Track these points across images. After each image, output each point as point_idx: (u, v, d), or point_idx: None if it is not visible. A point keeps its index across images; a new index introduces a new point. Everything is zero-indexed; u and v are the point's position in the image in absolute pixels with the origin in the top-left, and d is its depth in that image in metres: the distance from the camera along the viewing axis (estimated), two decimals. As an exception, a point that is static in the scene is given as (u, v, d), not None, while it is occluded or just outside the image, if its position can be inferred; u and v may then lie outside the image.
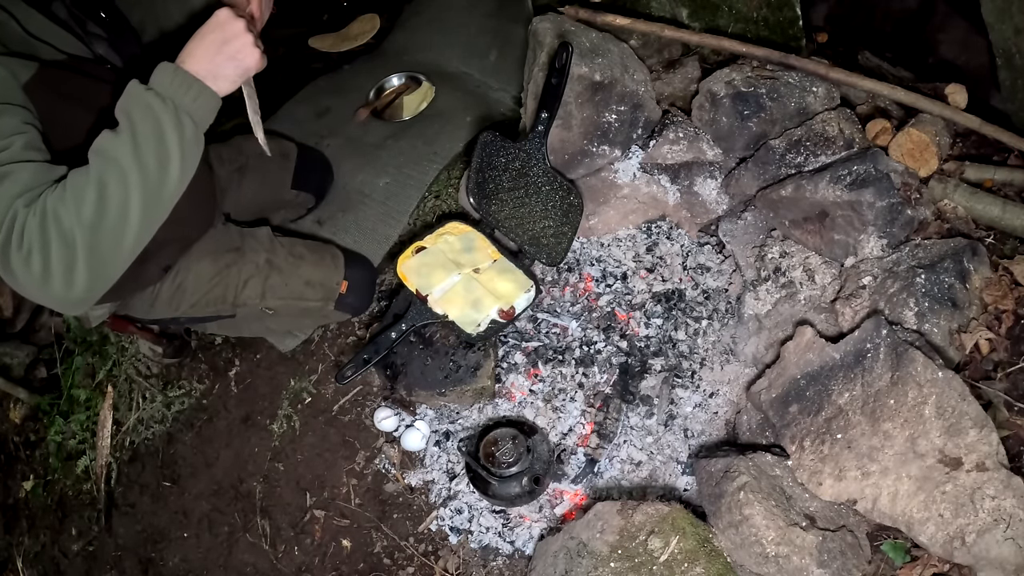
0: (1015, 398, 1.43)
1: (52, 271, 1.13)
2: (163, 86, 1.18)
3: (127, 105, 1.17)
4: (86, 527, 2.15)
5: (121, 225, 1.16)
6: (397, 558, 1.76)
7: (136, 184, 1.15)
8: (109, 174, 1.14)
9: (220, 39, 1.22)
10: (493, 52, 2.67)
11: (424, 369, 1.83)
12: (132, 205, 1.15)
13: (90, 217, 1.13)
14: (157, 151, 1.16)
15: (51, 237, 1.11)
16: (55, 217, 1.11)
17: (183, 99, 1.18)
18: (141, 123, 1.15)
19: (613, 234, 2.01)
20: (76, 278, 1.14)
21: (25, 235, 1.11)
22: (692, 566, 1.34)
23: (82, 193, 1.13)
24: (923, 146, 1.71)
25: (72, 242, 1.12)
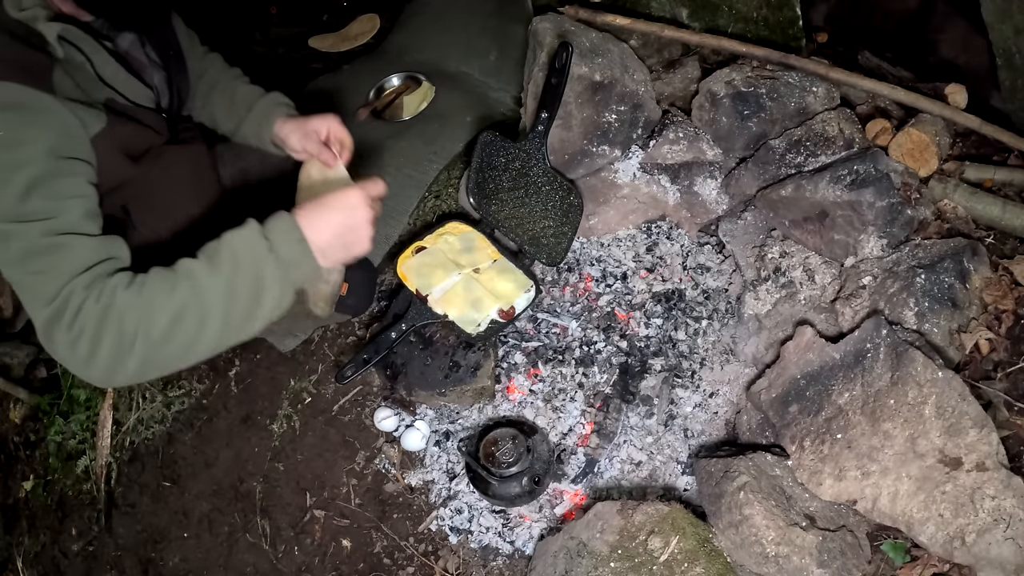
0: (1015, 398, 1.43)
1: (98, 361, 1.11)
2: (281, 247, 1.16)
3: (238, 247, 1.15)
4: (86, 527, 2.15)
5: (182, 353, 1.15)
6: (397, 558, 1.76)
7: (214, 328, 1.14)
8: (191, 309, 1.12)
9: (347, 224, 1.22)
10: (493, 52, 2.67)
11: (424, 369, 1.83)
12: (201, 341, 1.15)
13: (157, 337, 1.11)
14: (248, 307, 1.16)
15: (108, 332, 1.09)
16: (120, 317, 1.09)
17: (293, 272, 1.18)
18: (245, 274, 1.14)
19: (613, 234, 2.01)
20: (119, 375, 1.13)
21: (80, 318, 1.09)
22: (692, 566, 1.34)
23: (157, 312, 1.11)
24: (923, 146, 1.71)
25: (130, 348, 1.10)
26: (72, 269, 1.12)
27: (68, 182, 1.19)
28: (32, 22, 1.28)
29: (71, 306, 1.10)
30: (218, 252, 1.15)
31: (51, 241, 1.12)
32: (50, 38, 1.28)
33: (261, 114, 1.70)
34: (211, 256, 1.15)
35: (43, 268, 1.11)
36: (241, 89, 1.78)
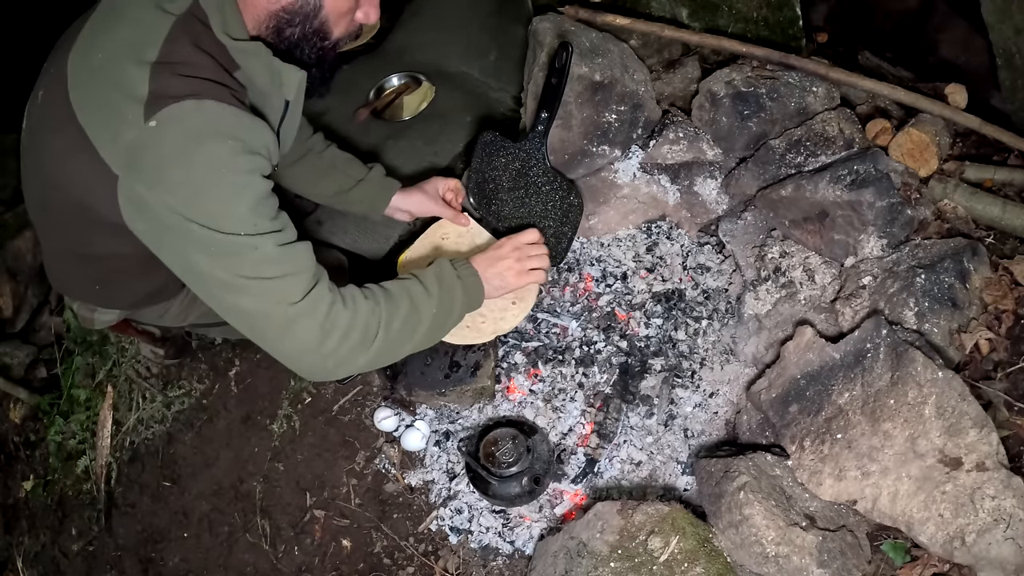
0: (1015, 398, 1.43)
1: (337, 354, 1.27)
2: (467, 281, 1.47)
3: (441, 276, 1.44)
4: (86, 527, 2.15)
5: (398, 349, 1.37)
6: (397, 558, 1.76)
7: (422, 333, 1.39)
8: (412, 318, 1.36)
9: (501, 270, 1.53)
10: (493, 52, 2.67)
11: (424, 369, 1.83)
12: (411, 342, 1.38)
13: (392, 336, 1.33)
14: (443, 320, 1.43)
15: (355, 333, 1.27)
16: (366, 321, 1.29)
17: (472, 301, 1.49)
18: (445, 296, 1.42)
19: (613, 234, 2.01)
20: (345, 367, 1.30)
21: (332, 316, 1.25)
22: (692, 566, 1.34)
23: (393, 318, 1.33)
24: (923, 146, 1.71)
25: (369, 344, 1.29)
26: (312, 269, 1.26)
27: (275, 201, 1.27)
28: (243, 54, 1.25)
29: (322, 305, 1.24)
30: (428, 277, 1.42)
31: (285, 250, 1.22)
32: (288, 82, 1.29)
33: (377, 185, 1.81)
34: (422, 281, 1.41)
35: (283, 272, 1.22)
36: (340, 155, 1.82)
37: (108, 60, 1.20)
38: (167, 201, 1.16)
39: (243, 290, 1.20)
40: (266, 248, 1.20)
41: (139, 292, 1.62)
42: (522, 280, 1.55)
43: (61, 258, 1.59)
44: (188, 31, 1.21)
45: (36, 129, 1.34)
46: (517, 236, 1.58)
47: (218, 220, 1.17)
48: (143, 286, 1.59)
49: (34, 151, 1.37)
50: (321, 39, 1.29)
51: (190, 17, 1.23)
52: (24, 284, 2.64)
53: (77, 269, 1.57)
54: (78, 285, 1.64)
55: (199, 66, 1.20)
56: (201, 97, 1.15)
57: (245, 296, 1.21)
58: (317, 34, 1.28)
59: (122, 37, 1.21)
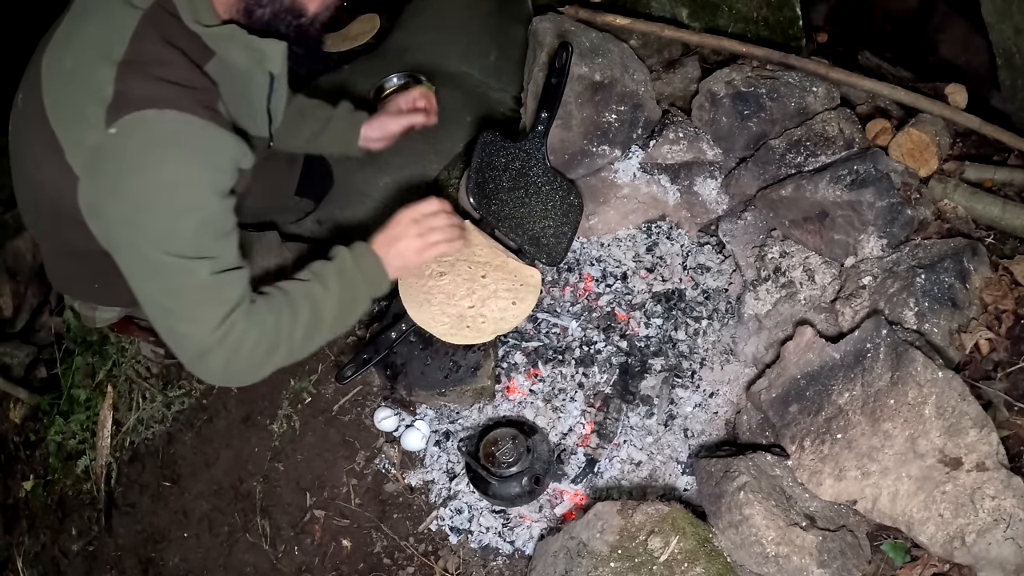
0: (1015, 398, 1.43)
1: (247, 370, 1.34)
2: (369, 271, 1.46)
3: (346, 273, 1.43)
4: (86, 527, 2.15)
5: (304, 349, 1.40)
6: (397, 558, 1.76)
7: (328, 329, 1.42)
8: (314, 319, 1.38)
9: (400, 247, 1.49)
10: (493, 52, 2.67)
11: (424, 369, 1.83)
12: (317, 342, 1.42)
13: (296, 345, 1.37)
14: (349, 314, 1.46)
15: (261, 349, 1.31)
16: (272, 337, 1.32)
17: (378, 288, 1.48)
18: (346, 292, 1.42)
19: (613, 234, 2.01)
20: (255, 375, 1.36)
21: (241, 342, 1.28)
22: (692, 566, 1.34)
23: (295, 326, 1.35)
24: (923, 146, 1.71)
25: (272, 355, 1.34)
26: (234, 300, 1.28)
27: (228, 218, 1.28)
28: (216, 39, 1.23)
29: (234, 333, 1.27)
30: (325, 276, 1.41)
31: (219, 279, 1.25)
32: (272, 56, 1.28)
33: (346, 121, 1.81)
34: (321, 280, 1.40)
35: (210, 299, 1.25)
36: (308, 102, 1.81)
37: (77, 61, 1.19)
38: (118, 211, 1.18)
39: (169, 313, 1.26)
40: (200, 274, 1.22)
41: None
42: (423, 256, 1.51)
43: (56, 258, 1.59)
44: (156, 24, 1.20)
45: (17, 133, 1.35)
46: (415, 207, 1.52)
47: (162, 239, 1.19)
48: None
49: (18, 154, 1.38)
50: (295, 16, 1.28)
51: (158, 9, 1.21)
52: (24, 284, 2.64)
53: (73, 268, 1.57)
54: (77, 284, 1.64)
55: (167, 64, 1.18)
56: (163, 107, 1.14)
57: (171, 318, 1.27)
58: (290, 12, 1.27)
59: (91, 36, 1.20)
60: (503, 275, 1.78)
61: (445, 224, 1.53)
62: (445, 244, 1.53)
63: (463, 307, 1.73)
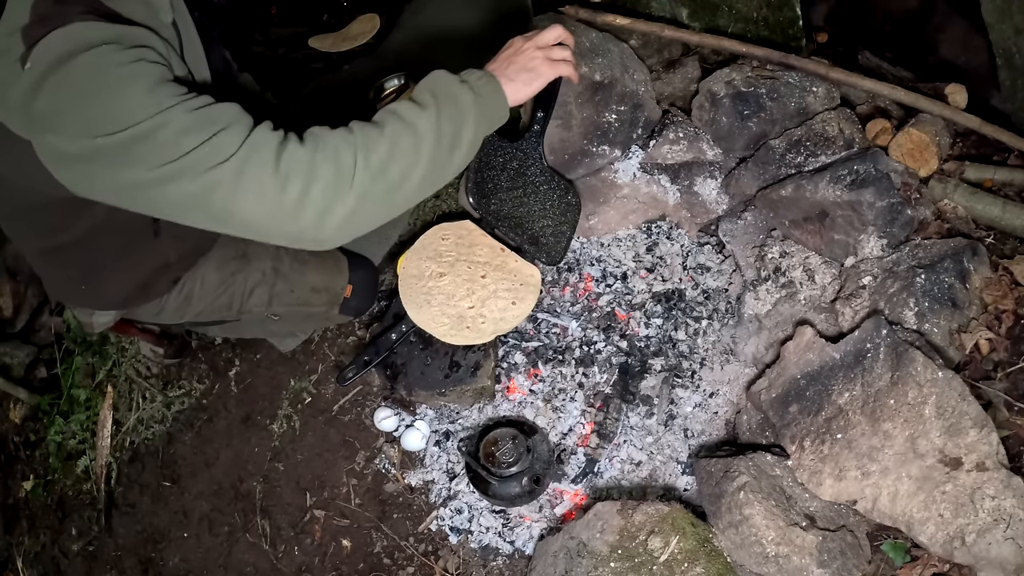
0: (1015, 398, 1.43)
1: (310, 202, 1.05)
2: (472, 80, 1.20)
3: (435, 87, 1.17)
4: (86, 527, 2.15)
5: (400, 184, 1.11)
6: (397, 558, 1.76)
7: (426, 155, 1.13)
8: (405, 136, 1.11)
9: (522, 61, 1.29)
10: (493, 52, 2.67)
11: (424, 369, 1.83)
12: (416, 171, 1.13)
13: (376, 165, 1.08)
14: (452, 137, 1.16)
15: (324, 169, 1.05)
16: (336, 152, 1.06)
17: (487, 104, 1.21)
18: (447, 106, 1.15)
19: (613, 234, 2.01)
20: (332, 217, 1.07)
21: (286, 157, 1.04)
22: (692, 566, 1.34)
23: (374, 141, 1.09)
24: (923, 146, 1.71)
25: (347, 181, 1.06)
26: (243, 121, 1.07)
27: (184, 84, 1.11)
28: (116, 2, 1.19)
29: (268, 146, 1.04)
30: (418, 92, 1.17)
31: (203, 113, 1.05)
32: (158, 2, 1.21)
33: None
34: (410, 100, 1.15)
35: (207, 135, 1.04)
36: None
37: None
38: (69, 131, 1.07)
39: (175, 177, 1.05)
40: (177, 119, 1.04)
41: (126, 286, 1.60)
42: (553, 69, 1.31)
43: (42, 262, 1.59)
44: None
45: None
46: (537, 34, 1.33)
47: (118, 119, 1.04)
48: (126, 278, 1.57)
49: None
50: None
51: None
52: (24, 284, 2.64)
53: (57, 271, 1.57)
54: (66, 289, 1.64)
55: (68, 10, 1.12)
56: (68, 23, 1.08)
57: (181, 182, 1.05)
58: None
59: (4, 21, 1.16)
60: (503, 275, 1.78)
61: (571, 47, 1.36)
62: (567, 66, 1.33)
63: (463, 308, 1.73)
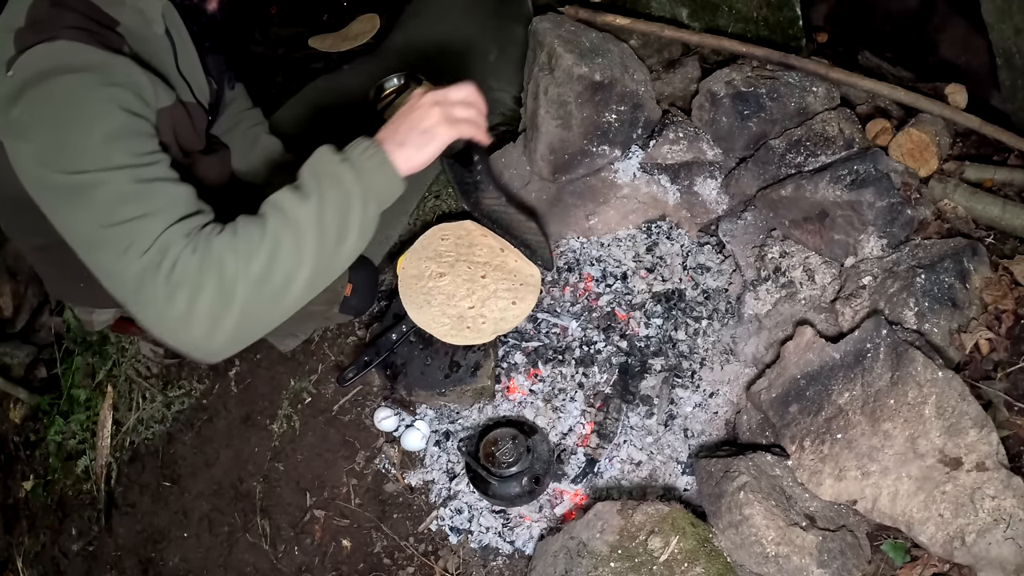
0: (1015, 398, 1.43)
1: (197, 315, 1.04)
2: (355, 157, 1.14)
3: (317, 168, 1.12)
4: (86, 527, 2.15)
5: (284, 289, 1.09)
6: (397, 558, 1.76)
7: (311, 252, 1.09)
8: (286, 234, 1.07)
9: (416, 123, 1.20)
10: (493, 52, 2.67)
11: (424, 369, 1.83)
12: (301, 271, 1.09)
13: (258, 273, 1.05)
14: (339, 225, 1.11)
15: (209, 281, 1.03)
16: (219, 261, 1.04)
17: (374, 181, 1.14)
18: (331, 191, 1.10)
19: (613, 234, 2.01)
20: (220, 330, 1.06)
21: (178, 268, 1.03)
22: (692, 566, 1.34)
23: (255, 246, 1.06)
24: (923, 146, 1.71)
25: (230, 293, 1.04)
26: (168, 216, 1.06)
27: (146, 140, 1.13)
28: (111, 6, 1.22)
29: (169, 256, 1.03)
30: (299, 178, 1.12)
31: (143, 187, 1.05)
32: (151, 14, 1.23)
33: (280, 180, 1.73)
34: (294, 187, 1.11)
35: (135, 214, 1.04)
36: (263, 139, 1.82)
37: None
38: (32, 151, 1.08)
39: (100, 244, 1.05)
40: (119, 183, 1.04)
41: None
42: (452, 130, 1.21)
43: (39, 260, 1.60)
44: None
45: None
46: (439, 90, 1.23)
47: (70, 160, 1.04)
48: None
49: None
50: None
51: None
52: (24, 284, 2.64)
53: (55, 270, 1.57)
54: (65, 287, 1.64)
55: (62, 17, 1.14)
56: (55, 39, 1.10)
57: (102, 252, 1.05)
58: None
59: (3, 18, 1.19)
60: (503, 275, 1.78)
61: (476, 110, 1.26)
62: (470, 127, 1.24)
63: (463, 308, 1.73)
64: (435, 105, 1.19)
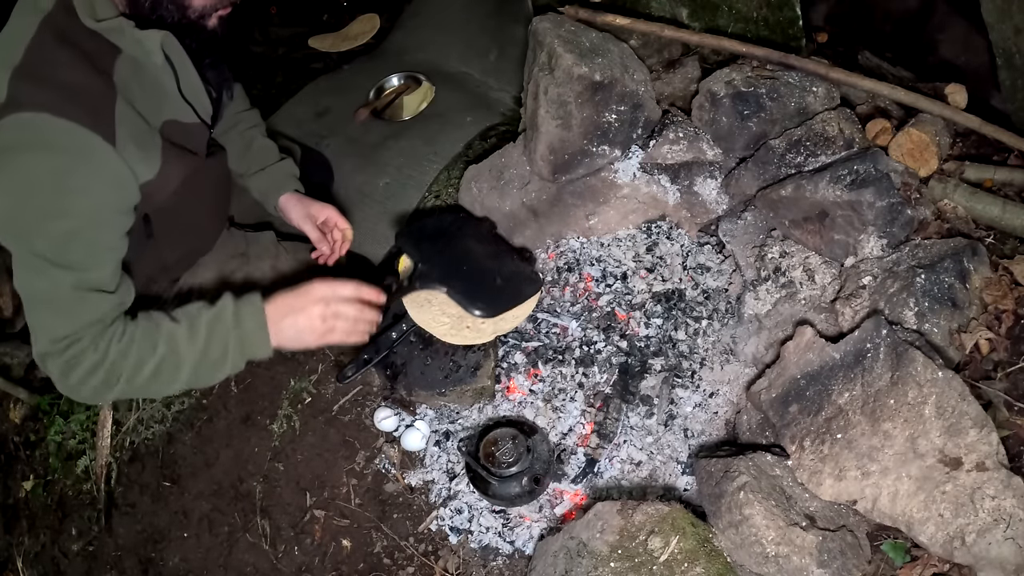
0: (1015, 398, 1.43)
1: (83, 391, 1.31)
2: (246, 328, 1.35)
3: (212, 321, 1.34)
4: (86, 527, 2.15)
5: (156, 391, 1.38)
6: (397, 558, 1.76)
7: (183, 381, 1.36)
8: (167, 366, 1.32)
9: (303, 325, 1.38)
10: (493, 52, 2.68)
11: (424, 369, 1.83)
12: (174, 386, 1.37)
13: (138, 385, 1.33)
14: (213, 368, 1.37)
15: (98, 374, 1.29)
16: (111, 366, 1.29)
17: (249, 349, 1.37)
18: (215, 343, 1.34)
19: (613, 234, 2.01)
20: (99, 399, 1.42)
21: (78, 359, 1.27)
22: (692, 566, 1.34)
23: (142, 366, 1.31)
24: (923, 146, 1.71)
25: (113, 386, 1.31)
26: (86, 321, 1.26)
27: (107, 235, 1.28)
28: (113, 33, 1.24)
29: (74, 349, 1.26)
30: (197, 322, 1.34)
31: (78, 296, 1.25)
32: (149, 45, 1.26)
33: (272, 181, 1.83)
34: (191, 324, 1.34)
35: (62, 311, 1.25)
36: (258, 141, 1.84)
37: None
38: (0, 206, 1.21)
39: (30, 307, 1.28)
40: (61, 285, 1.23)
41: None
42: (315, 341, 1.38)
43: None
44: (54, 26, 1.21)
45: None
46: (330, 285, 1.38)
47: (28, 236, 1.21)
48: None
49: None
50: (179, 7, 1.28)
51: (58, 9, 1.23)
52: (24, 284, 2.64)
53: None
54: None
55: (60, 65, 1.20)
56: (40, 110, 1.16)
57: (30, 310, 1.29)
58: (172, 1, 1.27)
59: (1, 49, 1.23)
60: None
61: (354, 316, 1.40)
62: (342, 336, 1.40)
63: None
64: (319, 303, 1.37)
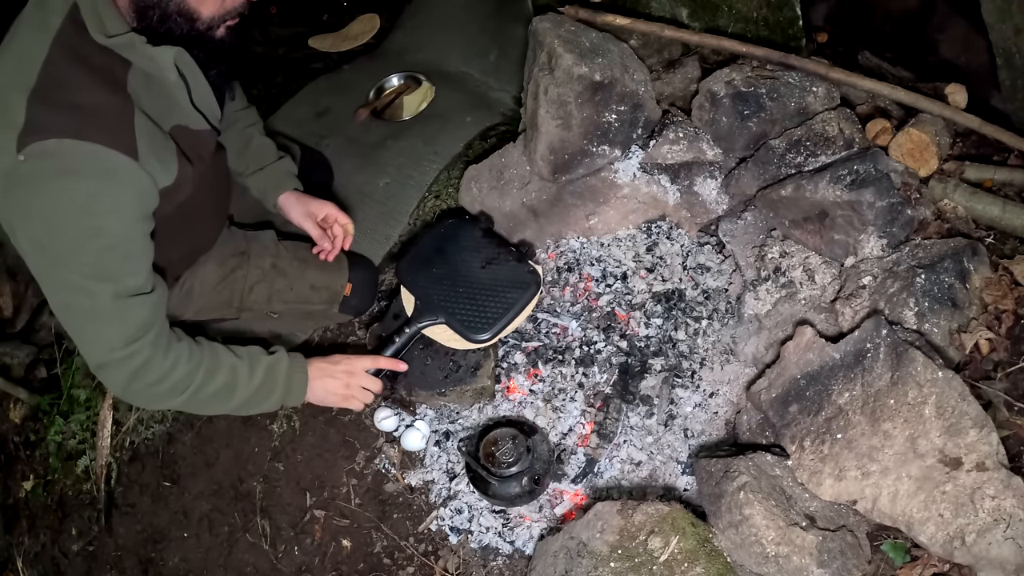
0: (1015, 398, 1.43)
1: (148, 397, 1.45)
2: (292, 384, 1.58)
3: (274, 373, 1.55)
4: (86, 527, 2.15)
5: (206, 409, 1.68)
6: (397, 558, 1.76)
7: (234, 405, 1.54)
8: (227, 389, 1.50)
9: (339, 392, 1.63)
10: (493, 52, 2.67)
11: (424, 369, 1.83)
12: (222, 409, 1.57)
13: (200, 400, 1.48)
14: (257, 404, 1.57)
15: (166, 383, 1.41)
16: (180, 380, 1.42)
17: (289, 401, 1.60)
18: (263, 389, 1.54)
19: (613, 234, 2.01)
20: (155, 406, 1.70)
21: (147, 367, 1.38)
22: (692, 566, 1.34)
23: (206, 384, 1.46)
24: (923, 146, 1.71)
25: (177, 397, 1.45)
26: (134, 325, 1.34)
27: (138, 242, 1.34)
28: (124, 49, 1.25)
29: (140, 357, 1.36)
30: (256, 364, 1.53)
31: (121, 304, 1.31)
32: (162, 62, 1.27)
33: (271, 179, 1.86)
34: (251, 364, 1.52)
35: (108, 321, 1.33)
36: (256, 140, 1.86)
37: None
38: (25, 232, 1.27)
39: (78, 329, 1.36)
40: (102, 297, 1.29)
41: None
42: (340, 404, 1.66)
43: None
44: (67, 45, 1.23)
45: None
46: (361, 360, 1.65)
47: (65, 260, 1.27)
48: None
49: None
50: (188, 20, 1.28)
51: (68, 26, 1.24)
52: (24, 284, 2.64)
53: None
54: None
55: (76, 88, 1.22)
56: (64, 136, 1.19)
57: (77, 333, 1.37)
58: (180, 14, 1.27)
59: (8, 66, 1.25)
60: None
61: (372, 390, 1.66)
62: (358, 404, 1.67)
63: None
64: (345, 374, 1.63)
